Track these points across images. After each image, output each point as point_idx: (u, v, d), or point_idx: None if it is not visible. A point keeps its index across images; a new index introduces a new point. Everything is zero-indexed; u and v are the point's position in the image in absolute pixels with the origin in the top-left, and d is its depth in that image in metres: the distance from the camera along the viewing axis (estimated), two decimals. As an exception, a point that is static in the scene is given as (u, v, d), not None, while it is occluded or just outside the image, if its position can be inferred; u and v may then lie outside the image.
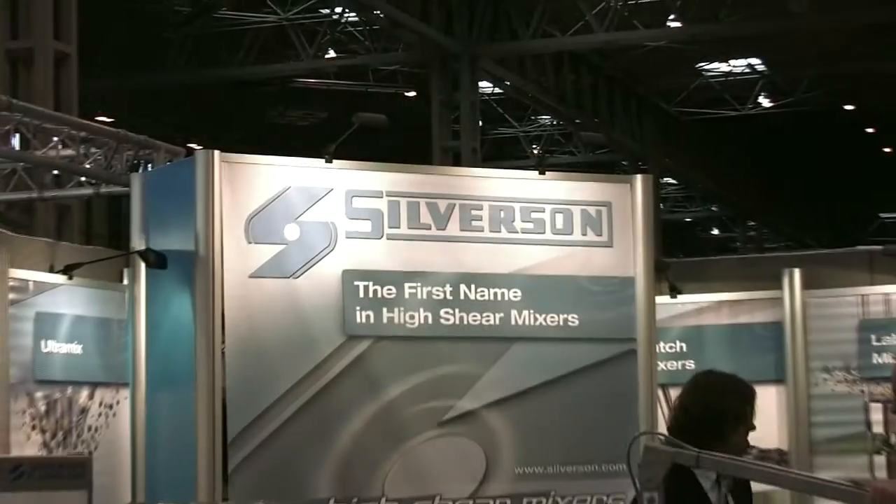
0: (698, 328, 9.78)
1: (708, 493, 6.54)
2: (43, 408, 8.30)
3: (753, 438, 6.68)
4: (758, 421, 9.26)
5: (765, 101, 33.89)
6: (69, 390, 8.46)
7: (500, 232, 9.18)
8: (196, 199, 8.45)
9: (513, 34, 27.05)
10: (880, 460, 7.92)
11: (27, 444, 8.08)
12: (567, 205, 9.39)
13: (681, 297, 9.78)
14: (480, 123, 27.83)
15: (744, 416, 7.12)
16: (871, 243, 13.32)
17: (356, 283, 8.80)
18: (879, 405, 7.92)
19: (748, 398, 7.08)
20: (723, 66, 32.44)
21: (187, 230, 8.49)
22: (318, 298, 8.71)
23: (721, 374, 7.74)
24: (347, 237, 8.80)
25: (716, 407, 7.01)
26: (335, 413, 8.71)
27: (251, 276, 8.55)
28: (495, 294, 9.12)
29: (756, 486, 7.70)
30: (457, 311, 9.03)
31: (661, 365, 9.57)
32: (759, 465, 5.91)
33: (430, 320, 8.96)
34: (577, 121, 30.67)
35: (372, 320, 8.82)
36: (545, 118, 33.61)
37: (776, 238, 43.61)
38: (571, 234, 9.34)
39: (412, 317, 8.91)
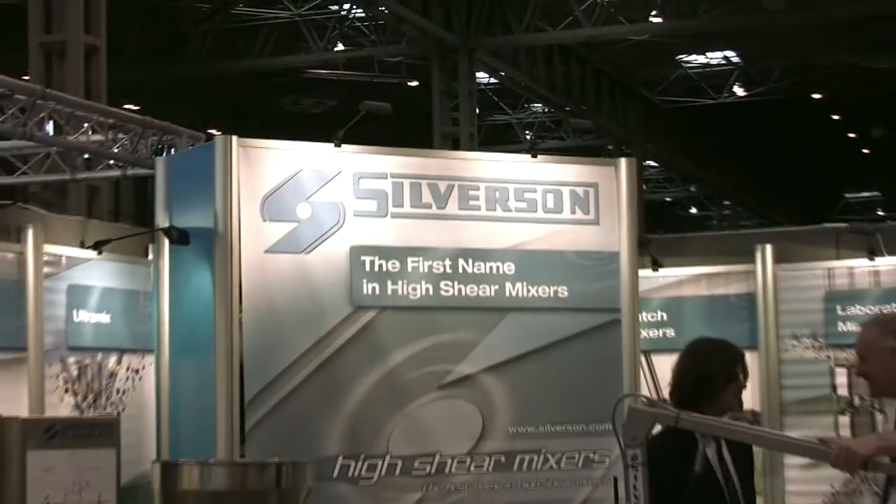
0: (678, 299, 9.78)
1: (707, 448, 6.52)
2: (75, 372, 8.30)
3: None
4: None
5: (739, 91, 33.91)
6: (99, 356, 8.46)
7: (495, 211, 9.18)
8: (215, 180, 8.45)
9: (507, 28, 27.08)
10: (844, 420, 7.94)
11: (60, 406, 8.09)
12: (557, 186, 9.39)
13: (662, 271, 9.78)
14: (477, 111, 27.84)
15: (733, 376, 7.13)
16: (837, 221, 13.34)
17: (363, 257, 8.80)
18: (844, 370, 7.94)
19: (735, 360, 7.09)
20: (700, 59, 32.47)
21: (207, 209, 8.49)
22: (327, 272, 8.71)
23: (711, 339, 7.77)
24: (355, 215, 8.80)
25: (705, 369, 7.04)
26: (343, 377, 8.72)
27: (266, 252, 8.55)
28: (491, 268, 9.12)
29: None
30: (455, 283, 9.04)
31: (644, 333, 9.56)
32: (733, 424, 5.93)
33: (430, 292, 8.96)
34: (567, 108, 30.70)
35: (377, 292, 8.82)
36: (537, 106, 33.63)
37: (749, 216, 43.59)
38: (561, 212, 9.34)
39: (414, 289, 8.92)
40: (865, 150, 40.73)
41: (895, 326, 6.47)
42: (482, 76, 28.82)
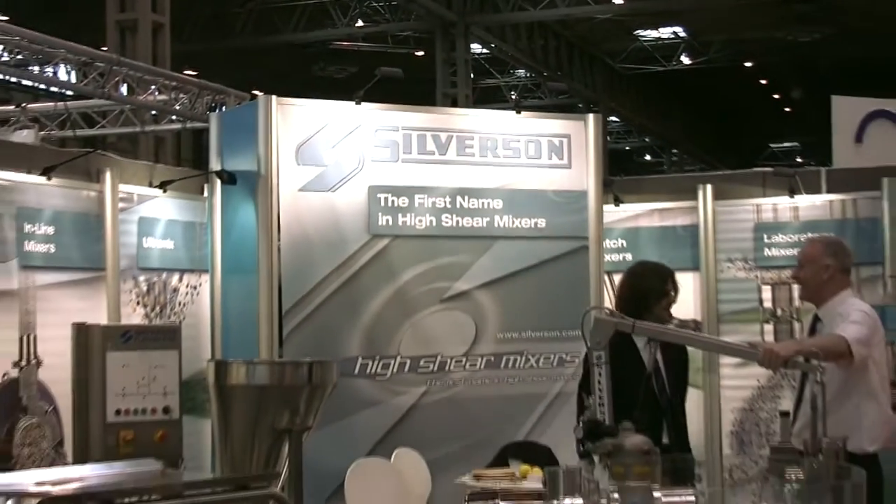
0: (635, 229, 9.74)
1: (641, 352, 6.48)
2: (145, 288, 8.28)
3: (676, 311, 6.67)
4: (679, 300, 9.29)
5: (685, 60, 33.79)
6: (164, 275, 8.44)
7: (486, 157, 9.16)
8: (258, 132, 8.42)
9: (496, 8, 27.06)
10: (769, 328, 7.95)
11: (133, 316, 8.08)
12: (537, 137, 9.36)
13: (622, 206, 9.74)
14: (472, 76, 27.84)
15: (664, 293, 7.12)
16: (764, 166, 13.23)
17: (378, 195, 8.78)
18: (769, 287, 7.94)
19: (667, 279, 7.09)
20: (654, 33, 32.36)
21: (251, 155, 8.47)
22: (349, 207, 8.69)
23: (647, 262, 7.78)
24: (372, 161, 8.77)
25: (642, 287, 7.03)
26: (362, 293, 8.71)
27: (300, 190, 8.53)
28: (483, 203, 9.10)
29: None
30: (454, 216, 9.02)
31: (607, 257, 9.54)
32: (679, 331, 5.94)
33: (434, 223, 8.95)
34: (545, 74, 30.68)
35: (390, 223, 8.80)
36: (521, 72, 33.52)
37: (693, 162, 43.52)
38: (540, 158, 9.32)
39: (420, 220, 8.90)
40: (787, 109, 40.72)
41: (836, 249, 6.48)
42: (476, 47, 28.76)
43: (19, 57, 16.01)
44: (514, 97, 32.05)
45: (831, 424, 5.56)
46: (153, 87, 17.36)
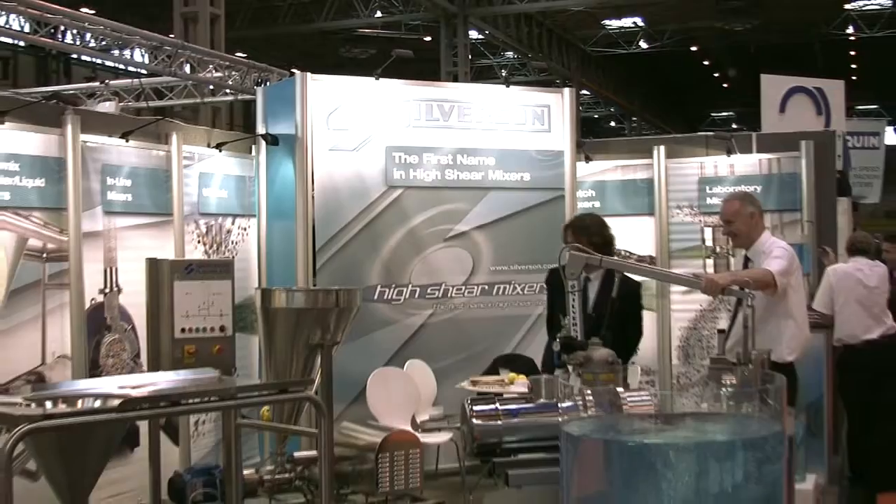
0: (602, 182, 9.68)
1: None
2: (204, 230, 8.26)
3: (635, 250, 6.63)
4: (636, 239, 9.29)
5: (643, 45, 33.68)
6: (219, 219, 8.41)
7: (481, 123, 9.11)
8: (296, 102, 8.37)
9: (490, 2, 27.09)
10: (710, 262, 7.94)
11: (195, 252, 8.06)
12: (523, 106, 9.31)
13: (592, 163, 9.67)
14: (470, 57, 27.75)
15: (612, 238, 7.13)
16: (706, 131, 13.26)
17: (393, 153, 8.75)
18: (710, 229, 7.92)
19: (603, 225, 7.05)
20: (618, 22, 32.25)
21: (290, 122, 8.41)
22: (370, 163, 8.66)
23: (589, 215, 7.75)
24: (388, 126, 8.73)
25: (607, 235, 7.03)
26: (380, 233, 8.69)
27: (329, 150, 8.49)
28: (478, 161, 9.06)
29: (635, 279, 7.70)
30: (455, 171, 8.97)
31: (579, 205, 9.51)
32: (637, 264, 5.92)
33: (438, 177, 8.91)
34: (529, 55, 30.57)
35: (403, 176, 8.77)
36: (510, 54, 33.37)
37: (649, 128, 43.34)
38: (525, 124, 9.27)
39: (428, 174, 8.86)
40: (725, 85, 40.70)
41: (751, 199, 6.50)
42: (473, 34, 28.62)
43: (103, 43, 16.06)
44: (504, 74, 32.00)
45: (758, 340, 5.65)
46: (211, 66, 17.42)
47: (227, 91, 18.39)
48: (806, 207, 9.03)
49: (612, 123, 47.20)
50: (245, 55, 22.41)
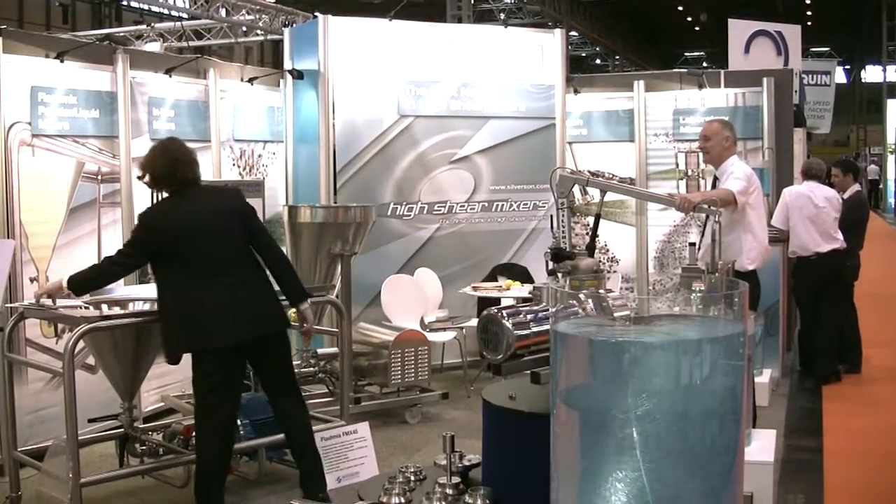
0: (589, 112, 9.58)
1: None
2: (238, 154, 8.21)
3: (618, 171, 6.52)
4: (618, 162, 9.22)
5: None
6: (252, 145, 8.37)
7: (483, 59, 9.02)
8: (319, 41, 8.27)
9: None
10: (682, 184, 7.87)
11: (229, 173, 8.02)
12: (519, 45, 9.23)
13: (580, 95, 9.57)
14: (472, 2, 27.38)
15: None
16: (680, 69, 13.14)
17: (405, 86, 8.68)
18: (683, 154, 7.84)
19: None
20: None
21: (314, 58, 8.32)
22: (384, 94, 8.59)
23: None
24: (400, 62, 8.65)
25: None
26: (394, 156, 8.64)
27: (348, 83, 8.41)
28: (480, 93, 9.00)
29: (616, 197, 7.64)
30: (459, 101, 8.91)
31: (569, 132, 9.44)
32: (620, 184, 5.86)
33: (444, 107, 8.84)
34: (525, 0, 30.32)
35: (413, 106, 8.70)
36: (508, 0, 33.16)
37: (630, 65, 42.93)
38: (520, 60, 9.19)
39: (435, 105, 8.79)
40: (697, 28, 40.45)
41: (730, 126, 6.49)
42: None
43: (148, -11, 15.83)
44: (502, 17, 31.62)
45: (724, 251, 5.64)
46: (244, 10, 17.21)
47: (258, 32, 18.26)
48: (767, 136, 9.01)
49: (598, 61, 46.81)
50: (274, 0, 22.20)
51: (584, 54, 44.92)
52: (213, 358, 4.88)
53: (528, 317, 4.27)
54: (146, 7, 25.60)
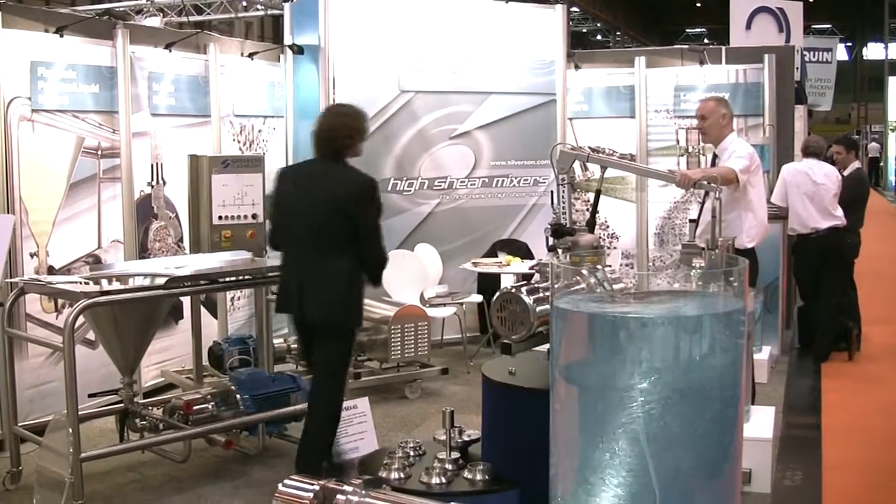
0: (590, 88, 9.53)
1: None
2: (238, 129, 8.18)
3: (620, 148, 6.52)
4: (619, 138, 9.18)
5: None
6: (252, 120, 8.33)
7: (484, 34, 8.99)
8: (319, 16, 8.22)
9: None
10: (683, 160, 7.85)
11: (230, 149, 7.99)
12: (520, 20, 9.18)
13: (581, 71, 9.53)
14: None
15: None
16: (681, 45, 13.13)
17: (405, 61, 8.65)
18: (684, 130, 7.81)
19: None
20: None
21: (314, 33, 8.28)
22: (385, 68, 8.56)
23: None
24: (400, 37, 8.62)
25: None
26: (394, 131, 8.62)
27: (348, 58, 8.37)
28: (481, 67, 8.98)
29: (616, 173, 7.61)
30: (460, 76, 8.88)
31: (570, 107, 9.41)
32: (620, 160, 5.85)
33: (445, 82, 8.81)
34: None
35: (414, 82, 8.67)
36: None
37: (632, 41, 42.80)
38: (522, 36, 9.15)
39: (435, 80, 8.76)
40: (698, 4, 40.33)
41: (725, 103, 6.45)
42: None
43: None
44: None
45: (724, 229, 5.64)
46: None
47: (259, 7, 18.17)
48: (767, 113, 8.99)
49: (599, 37, 46.59)
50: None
51: (585, 30, 44.70)
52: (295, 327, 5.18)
53: (547, 293, 4.26)
54: (146, -19, 25.44)
